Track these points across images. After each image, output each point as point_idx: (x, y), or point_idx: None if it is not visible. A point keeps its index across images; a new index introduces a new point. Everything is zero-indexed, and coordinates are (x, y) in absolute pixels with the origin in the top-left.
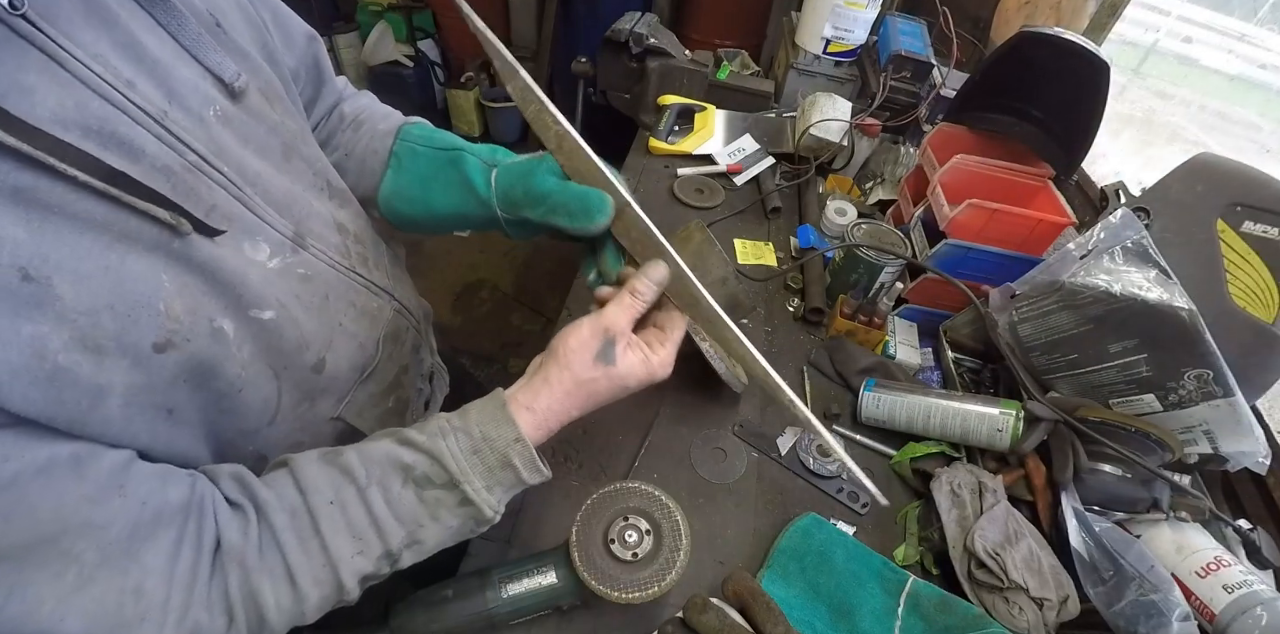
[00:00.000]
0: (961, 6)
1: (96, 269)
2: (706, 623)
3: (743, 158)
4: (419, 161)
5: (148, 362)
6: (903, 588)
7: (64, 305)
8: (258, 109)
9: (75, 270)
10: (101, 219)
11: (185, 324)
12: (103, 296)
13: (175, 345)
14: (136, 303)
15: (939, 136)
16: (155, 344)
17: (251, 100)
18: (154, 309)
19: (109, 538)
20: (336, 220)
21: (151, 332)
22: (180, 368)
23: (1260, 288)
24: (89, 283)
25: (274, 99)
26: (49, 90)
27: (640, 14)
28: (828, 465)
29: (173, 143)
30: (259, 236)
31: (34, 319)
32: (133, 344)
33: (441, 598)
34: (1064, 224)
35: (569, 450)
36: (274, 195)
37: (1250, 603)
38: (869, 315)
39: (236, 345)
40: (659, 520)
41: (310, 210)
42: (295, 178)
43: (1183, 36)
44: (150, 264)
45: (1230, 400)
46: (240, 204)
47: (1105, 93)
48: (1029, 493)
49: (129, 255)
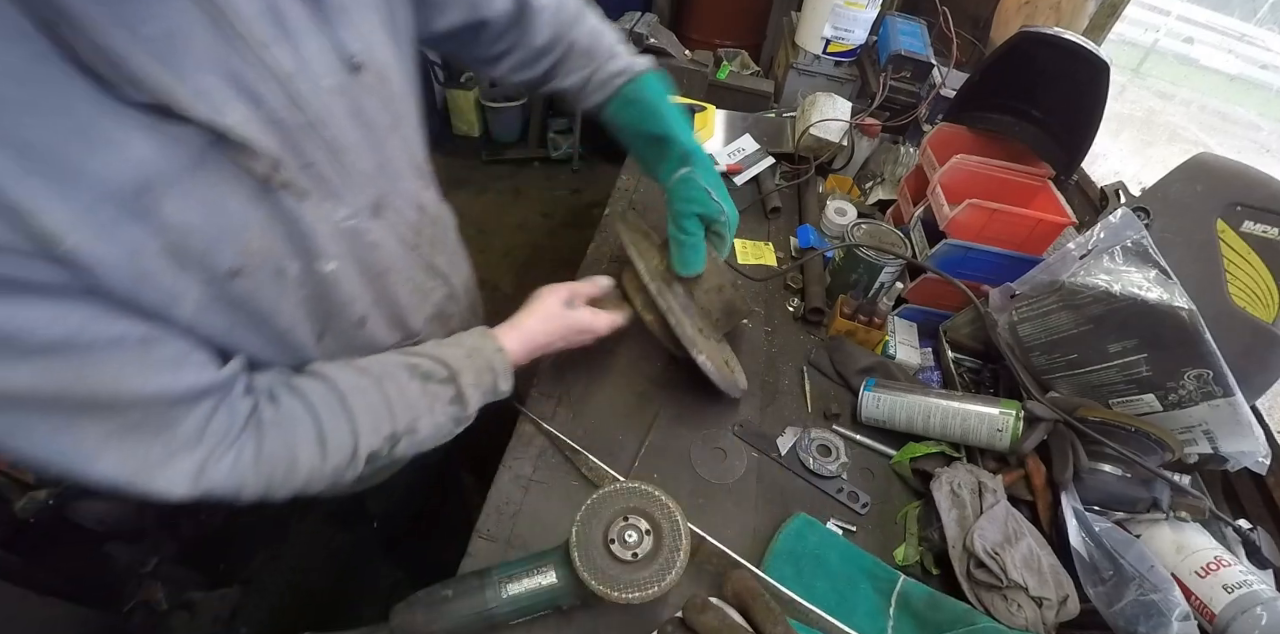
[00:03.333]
0: (961, 6)
1: (200, 199)
2: (706, 623)
3: (742, 158)
4: (639, 116)
5: (219, 283)
6: (893, 588)
7: (164, 221)
8: (371, 87)
9: (183, 195)
10: (216, 159)
11: (257, 260)
12: (197, 222)
13: (244, 275)
14: (223, 234)
15: (939, 136)
16: (229, 270)
17: (367, 78)
18: (237, 242)
19: (155, 405)
20: (419, 200)
21: (228, 259)
22: (244, 295)
23: (1260, 288)
24: (191, 209)
25: (387, 80)
26: (206, 38)
27: (640, 14)
28: (828, 465)
29: (291, 102)
30: (342, 199)
31: (137, 226)
32: (210, 266)
33: (441, 598)
34: (1064, 224)
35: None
36: (365, 166)
37: (1250, 603)
38: (869, 315)
39: (294, 288)
40: (659, 520)
41: (396, 186)
42: (390, 154)
43: (1183, 36)
44: (245, 205)
45: (1230, 400)
46: (333, 168)
47: (1105, 93)
48: (1029, 493)
49: (231, 194)
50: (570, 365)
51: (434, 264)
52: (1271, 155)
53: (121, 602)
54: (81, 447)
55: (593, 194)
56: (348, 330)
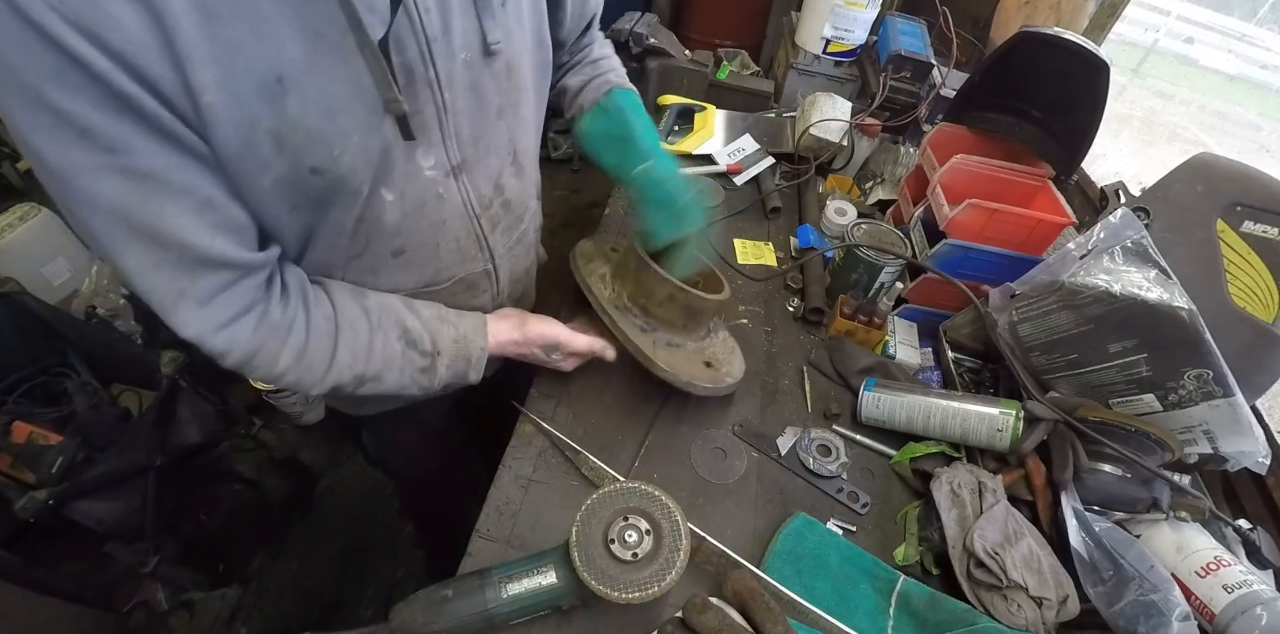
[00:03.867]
0: (961, 6)
1: (322, 105)
2: (706, 623)
3: (742, 158)
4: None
5: (300, 172)
6: (893, 588)
7: (284, 110)
8: (498, 72)
9: (308, 97)
10: (350, 74)
11: (340, 170)
12: (310, 122)
13: (324, 176)
14: (327, 139)
15: (939, 136)
16: (312, 168)
17: (497, 65)
18: (332, 149)
19: (191, 256)
20: (500, 181)
21: (318, 159)
22: (315, 192)
23: (1260, 288)
24: (311, 108)
25: (515, 71)
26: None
27: (640, 14)
28: (828, 466)
29: (427, 57)
30: (432, 151)
31: (262, 105)
32: (303, 159)
33: (441, 598)
34: (1064, 224)
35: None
36: (464, 134)
37: (1250, 603)
38: (869, 315)
39: (355, 204)
40: (659, 520)
41: (484, 160)
42: (490, 132)
43: (1183, 36)
44: (356, 123)
45: (1230, 400)
46: (437, 123)
47: (1105, 93)
48: (1029, 493)
49: (348, 109)
50: None
51: (485, 237)
52: (1271, 155)
53: (121, 602)
54: (126, 257)
55: (593, 194)
56: (382, 256)
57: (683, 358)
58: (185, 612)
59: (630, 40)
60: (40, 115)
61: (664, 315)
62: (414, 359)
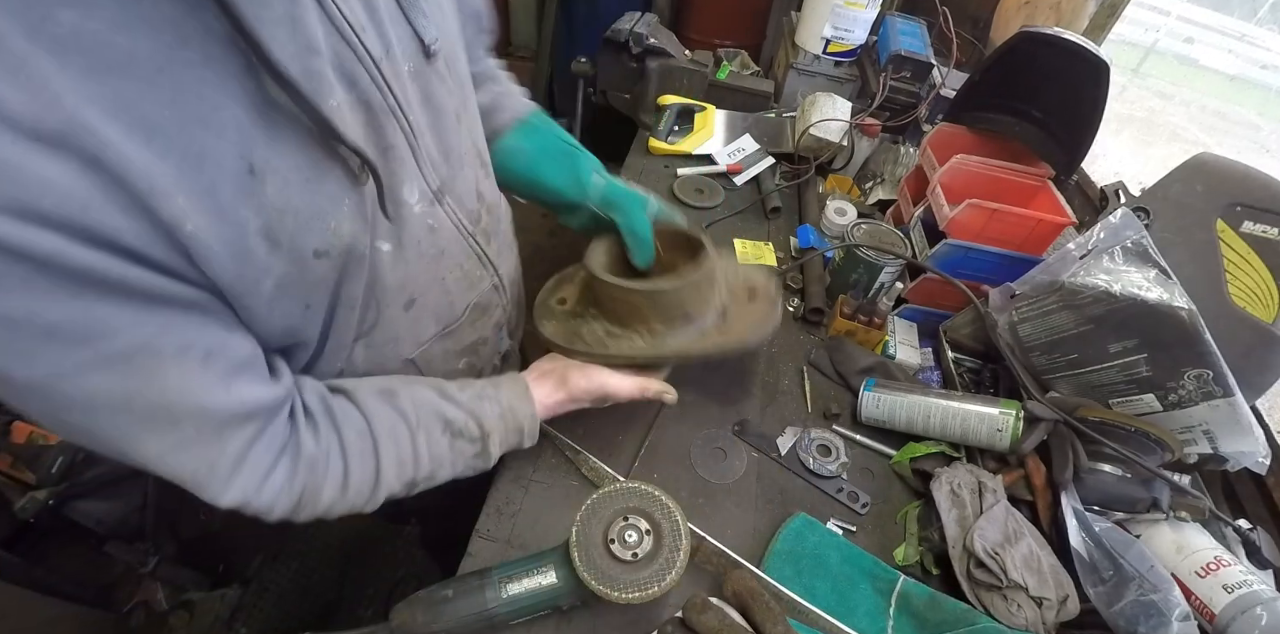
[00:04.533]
0: (961, 6)
1: (300, 180)
2: (706, 623)
3: (743, 158)
4: (545, 139)
5: (304, 262)
6: (893, 588)
7: (265, 200)
8: (442, 73)
9: (285, 176)
10: (317, 141)
11: (343, 242)
12: (295, 200)
13: (329, 256)
14: (319, 211)
15: (939, 136)
16: (315, 250)
17: (439, 64)
18: (327, 221)
19: (211, 422)
20: (479, 188)
21: (317, 239)
22: (326, 273)
23: (1260, 288)
24: (291, 188)
25: (454, 65)
26: (313, 22)
27: (640, 14)
28: (828, 465)
29: (380, 85)
30: (414, 183)
31: (244, 205)
32: (302, 245)
33: (441, 598)
34: (1064, 224)
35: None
36: (434, 153)
37: (1250, 603)
38: (869, 315)
39: (362, 269)
40: (659, 520)
41: (459, 173)
42: (456, 140)
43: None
44: (341, 189)
45: (1230, 400)
46: (410, 151)
47: (1105, 93)
48: (1029, 493)
49: (329, 171)
50: None
51: (485, 253)
52: (1271, 155)
53: (121, 602)
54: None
55: None
56: (395, 317)
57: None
58: (185, 612)
59: (630, 40)
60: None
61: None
62: (464, 449)
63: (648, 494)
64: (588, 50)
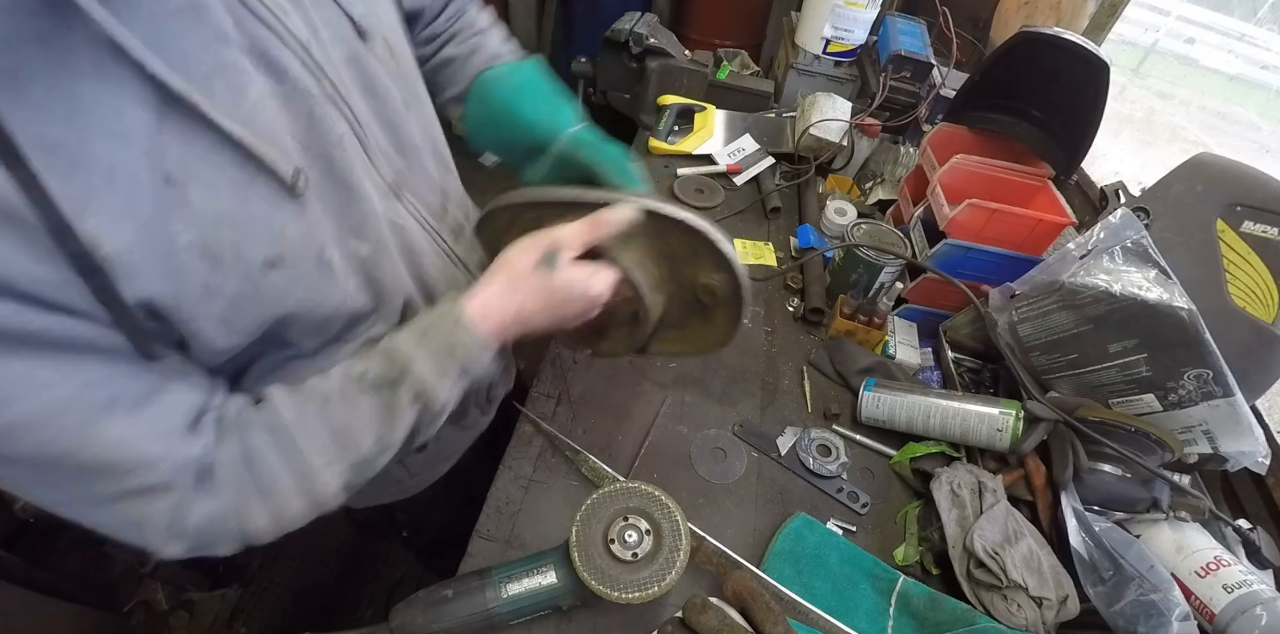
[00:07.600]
0: (961, 6)
1: (228, 183)
2: (706, 623)
3: (743, 158)
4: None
5: (254, 279)
6: (893, 588)
7: (193, 210)
8: (382, 56)
9: (208, 181)
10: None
11: (296, 247)
12: (226, 207)
13: (284, 264)
14: (256, 217)
15: (939, 136)
16: (266, 259)
17: (377, 47)
18: (270, 228)
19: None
20: (441, 184)
21: (265, 246)
22: (285, 286)
23: (1260, 288)
24: (219, 194)
25: (395, 48)
26: (220, 9)
27: (640, 14)
28: (828, 465)
29: (314, 69)
30: (366, 177)
31: (170, 218)
32: (248, 254)
33: (441, 598)
34: (1064, 224)
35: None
36: (384, 143)
37: (1250, 603)
38: (869, 315)
39: (344, 276)
40: (659, 520)
41: (416, 167)
42: (407, 133)
43: (1183, 37)
44: (280, 188)
45: (1230, 400)
46: (358, 141)
47: (1105, 93)
48: (1029, 493)
49: (259, 176)
50: (570, 365)
51: (455, 253)
52: (1271, 155)
53: (121, 602)
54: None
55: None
56: (391, 318)
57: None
58: (185, 612)
59: (630, 40)
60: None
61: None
62: (391, 400)
63: (648, 494)
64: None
